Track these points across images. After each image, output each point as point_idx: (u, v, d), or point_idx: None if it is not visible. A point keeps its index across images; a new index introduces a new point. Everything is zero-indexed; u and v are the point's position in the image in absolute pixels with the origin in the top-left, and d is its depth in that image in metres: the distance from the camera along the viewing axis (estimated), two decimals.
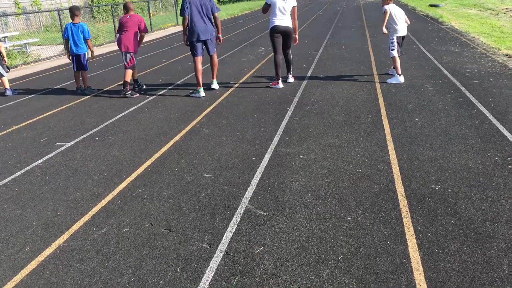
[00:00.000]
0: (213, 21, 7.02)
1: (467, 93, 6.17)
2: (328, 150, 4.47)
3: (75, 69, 7.75)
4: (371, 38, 12.50)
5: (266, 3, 7.17)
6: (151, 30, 18.98)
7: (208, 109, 6.28)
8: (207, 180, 3.96)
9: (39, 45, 15.16)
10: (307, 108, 6.01)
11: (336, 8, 26.20)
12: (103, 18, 25.87)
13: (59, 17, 13.82)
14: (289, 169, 4.08)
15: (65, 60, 12.28)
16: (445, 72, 7.57)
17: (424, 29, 13.70)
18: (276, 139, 4.89)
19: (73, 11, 7.53)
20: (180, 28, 20.23)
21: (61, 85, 8.80)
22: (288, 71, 7.64)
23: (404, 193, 3.46)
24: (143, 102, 6.92)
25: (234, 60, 10.27)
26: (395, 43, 7.06)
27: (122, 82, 7.41)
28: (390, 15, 7.07)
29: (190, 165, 4.34)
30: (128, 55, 7.28)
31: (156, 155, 4.65)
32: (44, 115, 6.58)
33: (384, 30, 7.17)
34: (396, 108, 5.71)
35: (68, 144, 5.18)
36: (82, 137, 5.43)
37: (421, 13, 19.30)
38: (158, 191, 3.82)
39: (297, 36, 7.46)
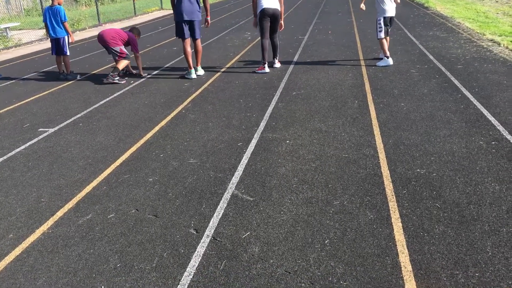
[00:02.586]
0: (201, 3, 6.94)
1: (452, 78, 6.20)
2: (315, 135, 4.47)
3: (53, 53, 7.60)
4: (357, 23, 12.47)
5: None
6: (135, 14, 18.69)
7: (194, 95, 6.22)
8: (193, 166, 3.93)
9: (20, 29, 14.84)
10: (294, 93, 5.99)
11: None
12: (85, 1, 25.39)
13: (41, 1, 13.53)
14: (276, 154, 4.07)
15: (47, 44, 12.04)
16: (431, 57, 7.60)
17: (410, 14, 13.71)
18: (262, 125, 4.87)
19: None
20: (164, 12, 19.96)
21: (43, 70, 8.64)
22: (274, 55, 7.59)
23: (389, 177, 3.48)
24: (128, 88, 6.83)
25: (219, 45, 10.17)
26: (382, 25, 7.06)
27: (111, 67, 7.25)
28: None
29: (176, 150, 4.30)
30: (116, 48, 7.14)
31: (142, 141, 4.61)
32: (26, 100, 6.46)
33: (362, 5, 7.46)
34: (382, 93, 5.73)
35: (51, 130, 5.09)
36: (65, 123, 5.34)
37: None
38: (144, 177, 3.78)
39: (282, 21, 7.40)
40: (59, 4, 7.36)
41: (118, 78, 7.14)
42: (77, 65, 8.83)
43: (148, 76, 7.51)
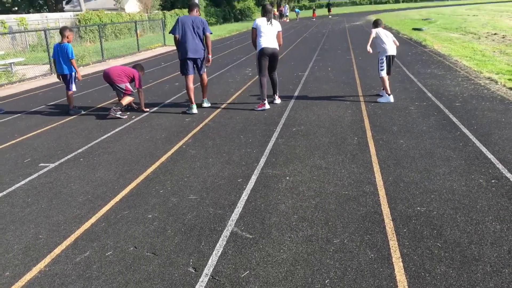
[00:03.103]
0: (204, 41, 7.14)
1: (451, 116, 6.25)
2: (315, 172, 4.47)
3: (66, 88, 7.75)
4: (356, 60, 12.67)
5: (252, 27, 7.25)
6: (138, 50, 19.03)
7: (195, 130, 6.27)
8: (193, 202, 3.92)
9: (24, 64, 15.07)
10: (294, 129, 6.03)
11: (322, 31, 26.61)
12: (90, 38, 25.90)
13: (46, 37, 13.80)
14: (276, 191, 4.07)
15: (51, 79, 12.22)
16: (429, 94, 7.69)
17: (408, 52, 13.95)
18: (262, 161, 4.88)
19: (61, 31, 7.60)
20: (167, 48, 20.33)
21: (46, 104, 8.74)
22: (274, 92, 7.69)
23: (390, 216, 3.47)
24: (129, 123, 6.89)
25: (221, 81, 10.32)
26: (384, 63, 7.31)
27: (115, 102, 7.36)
28: (378, 37, 7.33)
29: (176, 186, 4.30)
30: (121, 85, 7.32)
31: (142, 177, 4.61)
32: (28, 135, 6.50)
33: (369, 48, 7.38)
34: (381, 130, 5.77)
35: (52, 165, 5.11)
36: (66, 158, 5.36)
37: (405, 36, 19.69)
38: (143, 213, 3.77)
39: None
40: (68, 42, 7.55)
41: (120, 113, 7.21)
42: (80, 100, 8.93)
43: (150, 111, 7.58)
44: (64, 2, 46.19)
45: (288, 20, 45.79)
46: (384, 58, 7.32)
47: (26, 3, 41.18)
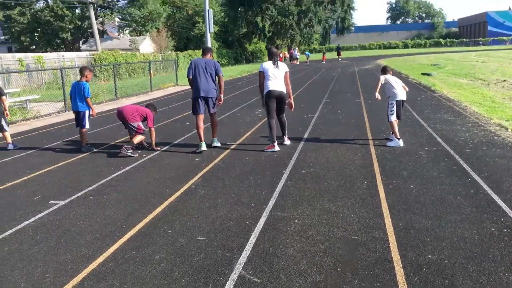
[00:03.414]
0: (216, 81, 7.40)
1: (461, 162, 6.24)
2: (324, 215, 4.45)
3: (76, 125, 7.94)
4: (366, 103, 12.78)
5: (259, 71, 7.44)
6: (151, 89, 19.38)
7: (204, 170, 6.30)
8: (201, 244, 3.90)
9: (39, 101, 15.38)
10: (303, 171, 6.04)
11: (332, 74, 26.99)
12: (104, 76, 26.50)
13: (62, 76, 14.14)
14: (284, 234, 4.04)
15: (65, 117, 12.45)
16: (439, 139, 7.70)
17: (417, 96, 14.06)
18: (271, 203, 4.87)
19: (81, 70, 7.89)
20: (179, 88, 20.70)
21: (59, 142, 8.86)
22: (283, 133, 7.75)
23: (400, 263, 3.42)
24: (140, 161, 6.94)
25: (231, 121, 10.43)
26: (394, 108, 7.43)
27: (127, 141, 7.49)
28: (388, 82, 7.51)
29: (184, 227, 4.29)
30: (134, 124, 7.50)
31: (150, 216, 4.61)
32: (40, 172, 6.57)
33: (377, 95, 7.54)
34: (391, 174, 5.75)
35: (62, 203, 5.13)
36: (76, 195, 5.39)
37: (414, 81, 19.88)
38: (151, 254, 3.75)
39: (292, 101, 7.73)
40: (86, 81, 7.79)
41: (131, 151, 7.28)
42: (92, 137, 9.05)
43: (160, 150, 7.65)
44: (81, 42, 47.62)
45: (298, 63, 46.60)
46: (394, 103, 7.44)
47: (44, 42, 42.55)
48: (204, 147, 7.36)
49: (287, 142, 7.75)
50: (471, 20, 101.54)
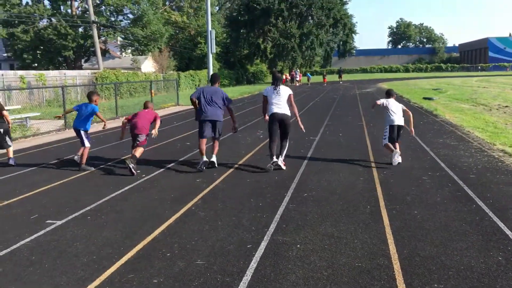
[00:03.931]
0: (222, 108, 7.68)
1: (465, 188, 6.15)
2: (326, 241, 4.35)
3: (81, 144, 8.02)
4: (368, 127, 12.75)
5: (263, 95, 7.63)
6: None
7: (205, 191, 6.21)
8: (200, 268, 3.79)
9: (39, 119, 15.36)
10: (305, 195, 5.95)
11: (333, 96, 27.07)
12: (105, 95, 26.57)
13: (63, 94, 14.15)
14: (286, 259, 3.93)
15: (65, 135, 12.40)
16: (442, 164, 7.62)
17: (420, 121, 14.03)
18: (273, 226, 4.77)
19: (89, 96, 8.10)
20: (180, 108, 20.71)
21: (57, 160, 8.78)
22: (280, 154, 7.56)
23: None
24: (139, 181, 6.86)
25: (232, 142, 10.37)
26: (388, 133, 7.76)
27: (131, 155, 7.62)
28: (387, 107, 7.78)
29: (184, 250, 4.18)
30: (140, 137, 7.68)
31: (149, 238, 4.51)
32: (37, 190, 6.47)
33: (373, 107, 8.39)
34: (394, 199, 5.66)
35: (59, 223, 5.03)
36: (73, 215, 5.29)
37: (416, 105, 19.91)
38: (149, 277, 3.64)
39: (299, 120, 7.84)
40: (95, 103, 8.03)
41: (134, 166, 7.24)
42: (92, 156, 8.98)
43: (161, 170, 7.57)
44: (83, 60, 47.93)
45: (299, 84, 46.82)
46: (388, 128, 7.73)
47: (46, 60, 42.76)
48: (205, 158, 7.53)
49: (280, 163, 7.45)
50: (472, 46, 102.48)
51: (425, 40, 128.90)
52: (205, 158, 7.53)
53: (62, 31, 39.59)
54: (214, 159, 7.71)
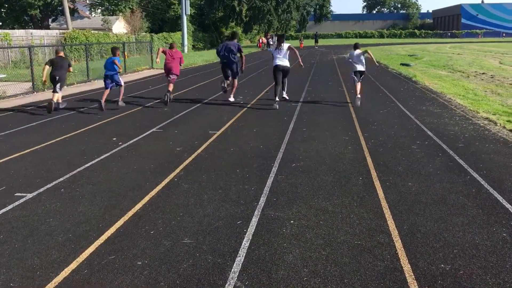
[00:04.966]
0: (237, 56, 10.48)
1: (456, 157, 5.98)
2: (321, 216, 4.09)
3: (105, 88, 9.91)
4: (349, 93, 12.48)
5: (269, 51, 10.95)
6: (125, 72, 18.62)
7: (187, 161, 5.85)
8: (188, 247, 3.49)
9: (5, 81, 14.49)
10: (293, 165, 5.67)
11: (311, 61, 26.65)
12: (75, 57, 25.42)
13: (30, 54, 13.32)
14: (280, 237, 3.66)
15: (32, 98, 11.74)
16: (429, 133, 7.44)
17: (400, 87, 13.87)
18: (262, 200, 4.49)
19: (113, 50, 10.08)
20: (155, 71, 19.96)
21: (27, 125, 8.22)
22: (283, 89, 10.46)
23: (412, 273, 3.09)
24: (116, 150, 6.44)
25: (213, 108, 9.96)
26: (353, 77, 10.51)
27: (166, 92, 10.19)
28: (352, 58, 10.60)
29: (169, 227, 3.86)
30: (172, 76, 10.29)
31: (130, 213, 4.16)
32: (5, 159, 5.99)
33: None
34: (386, 170, 5.44)
35: (29, 196, 4.61)
36: (45, 187, 4.88)
37: (394, 71, 19.75)
38: (132, 259, 3.31)
39: (300, 61, 10.69)
40: (117, 55, 9.95)
41: (170, 97, 10.27)
42: (64, 122, 8.46)
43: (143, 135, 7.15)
44: (50, 20, 45.76)
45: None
46: (353, 73, 10.51)
47: (11, 19, 40.60)
48: (225, 84, 10.88)
49: (285, 95, 10.62)
50: (446, 12, 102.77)
51: (399, 5, 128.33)
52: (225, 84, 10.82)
53: None
54: (231, 99, 10.77)
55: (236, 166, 5.64)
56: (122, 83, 10.14)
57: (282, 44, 9.95)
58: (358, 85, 10.32)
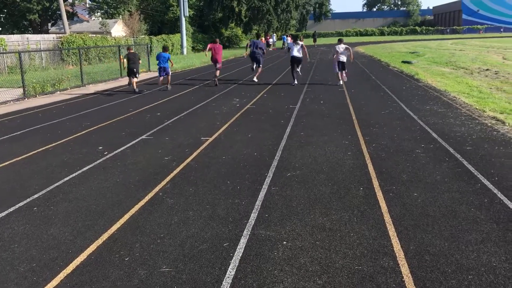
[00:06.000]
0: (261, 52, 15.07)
1: (465, 162, 5.54)
2: (317, 235, 3.67)
3: (159, 74, 13.77)
4: (349, 93, 12.05)
5: (288, 47, 15.14)
6: (121, 75, 18.23)
7: (175, 172, 5.44)
8: (166, 278, 3.07)
9: None
10: (288, 174, 5.25)
11: (311, 61, 26.19)
12: (72, 61, 25.07)
13: (20, 60, 12.94)
14: (271, 262, 3.24)
15: (23, 105, 11.35)
16: (434, 135, 7.01)
17: (402, 86, 13.42)
18: (253, 216, 4.07)
19: (163, 48, 13.98)
20: (151, 74, 19.56)
21: (9, 135, 7.82)
22: (298, 67, 14.66)
23: None
24: (100, 160, 6.03)
25: (206, 113, 9.55)
26: (336, 67, 13.79)
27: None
28: (336, 52, 13.51)
29: (146, 252, 3.45)
30: (218, 64, 14.22)
31: (105, 236, 3.75)
32: None
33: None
34: (389, 179, 5.01)
35: None
36: (17, 205, 4.47)
37: (395, 69, 19.28)
38: None
39: (307, 57, 15.59)
40: (169, 53, 13.89)
41: (217, 81, 14.30)
42: (50, 129, 8.06)
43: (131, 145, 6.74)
44: (49, 24, 45.47)
45: (274, 49, 45.59)
46: (336, 63, 13.66)
47: (10, 24, 40.30)
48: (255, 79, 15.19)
49: (298, 70, 14.82)
50: (446, 8, 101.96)
51: (399, 3, 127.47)
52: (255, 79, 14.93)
53: None
54: (255, 79, 15.17)
55: (226, 177, 5.23)
56: (170, 73, 13.62)
57: (297, 41, 14.40)
58: (341, 74, 13.88)
